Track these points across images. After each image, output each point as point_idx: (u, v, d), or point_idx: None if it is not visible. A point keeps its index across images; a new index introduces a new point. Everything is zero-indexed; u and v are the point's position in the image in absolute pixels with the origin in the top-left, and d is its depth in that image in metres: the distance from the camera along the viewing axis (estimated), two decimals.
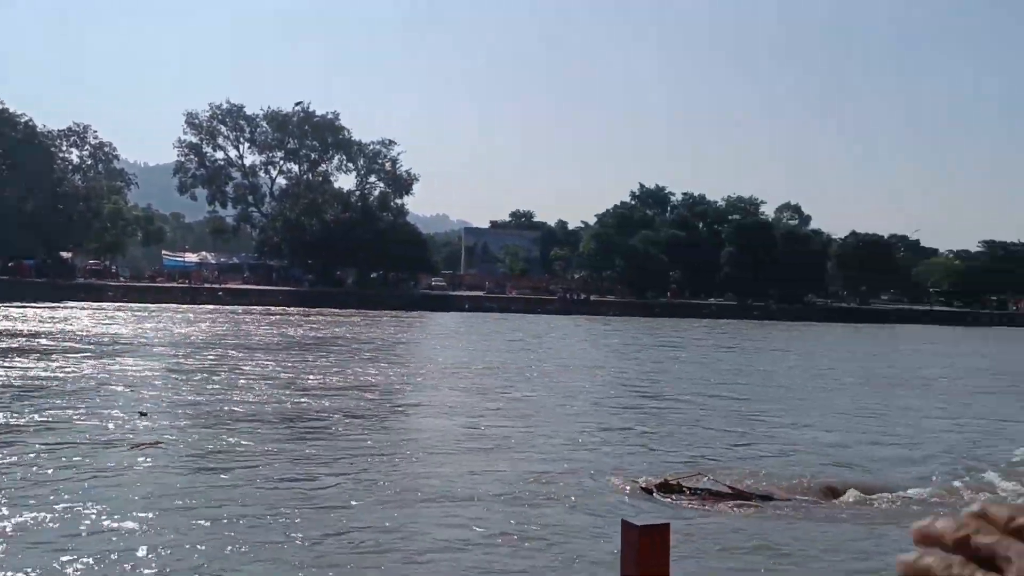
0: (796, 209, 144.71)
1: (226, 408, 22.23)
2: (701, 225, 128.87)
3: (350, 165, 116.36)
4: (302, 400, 24.24)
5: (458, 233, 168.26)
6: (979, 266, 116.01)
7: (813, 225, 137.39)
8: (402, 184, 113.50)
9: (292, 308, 79.64)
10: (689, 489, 14.71)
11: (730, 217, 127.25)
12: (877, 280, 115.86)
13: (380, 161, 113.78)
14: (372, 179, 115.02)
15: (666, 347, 52.69)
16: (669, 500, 14.33)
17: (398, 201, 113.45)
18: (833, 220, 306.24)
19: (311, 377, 29.77)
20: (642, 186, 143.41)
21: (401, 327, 62.40)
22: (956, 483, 16.49)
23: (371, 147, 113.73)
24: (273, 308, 79.27)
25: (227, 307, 79.29)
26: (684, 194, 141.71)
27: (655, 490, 14.74)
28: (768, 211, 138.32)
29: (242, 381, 27.83)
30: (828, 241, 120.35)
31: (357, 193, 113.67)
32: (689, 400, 27.75)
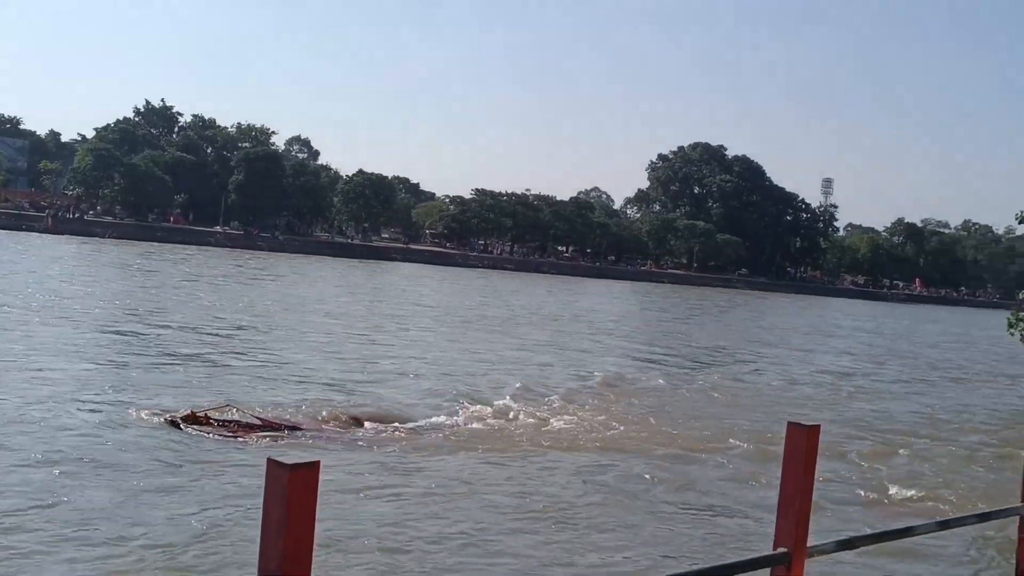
0: (306, 143, 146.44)
1: None
2: (210, 150, 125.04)
3: None
4: None
5: None
6: (471, 211, 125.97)
7: (322, 160, 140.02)
8: None
9: None
10: (217, 421, 14.68)
11: (240, 145, 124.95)
12: (379, 218, 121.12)
13: None
14: None
15: (166, 274, 50.97)
16: (197, 432, 14.17)
17: None
18: (343, 157, 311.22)
19: None
20: (148, 103, 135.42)
21: None
22: (457, 409, 18.35)
23: None
24: None
25: None
26: (194, 116, 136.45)
27: (182, 423, 14.50)
28: (279, 142, 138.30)
29: None
30: (336, 177, 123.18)
31: None
32: (194, 331, 27.33)
